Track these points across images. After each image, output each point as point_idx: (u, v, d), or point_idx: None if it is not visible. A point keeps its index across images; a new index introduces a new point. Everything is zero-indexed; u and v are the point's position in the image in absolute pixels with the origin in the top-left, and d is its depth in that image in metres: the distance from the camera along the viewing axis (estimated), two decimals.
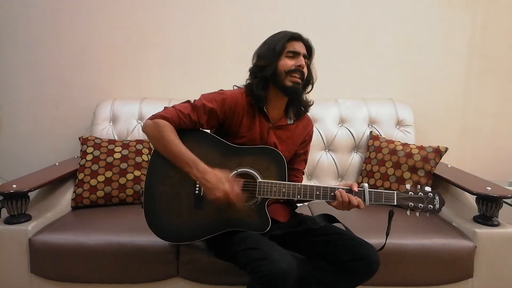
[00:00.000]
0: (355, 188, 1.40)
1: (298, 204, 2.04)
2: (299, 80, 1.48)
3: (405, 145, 2.11)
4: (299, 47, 1.49)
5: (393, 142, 2.14)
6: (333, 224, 1.53)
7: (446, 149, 2.03)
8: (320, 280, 1.43)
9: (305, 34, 1.52)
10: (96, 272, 1.61)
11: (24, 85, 2.45)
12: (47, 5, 2.39)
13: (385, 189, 2.01)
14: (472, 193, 1.70)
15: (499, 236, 1.65)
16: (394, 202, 1.41)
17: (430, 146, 2.05)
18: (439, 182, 1.99)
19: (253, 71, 1.52)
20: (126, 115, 2.27)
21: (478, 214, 1.71)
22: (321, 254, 1.46)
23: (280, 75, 1.46)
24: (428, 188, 1.43)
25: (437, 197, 1.42)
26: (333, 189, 1.41)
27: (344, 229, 1.50)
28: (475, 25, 2.42)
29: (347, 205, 1.38)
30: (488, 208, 1.66)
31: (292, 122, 1.59)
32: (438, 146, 2.04)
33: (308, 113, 1.65)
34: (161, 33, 2.43)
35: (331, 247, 1.42)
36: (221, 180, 1.36)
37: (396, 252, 1.58)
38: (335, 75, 2.45)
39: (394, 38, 2.43)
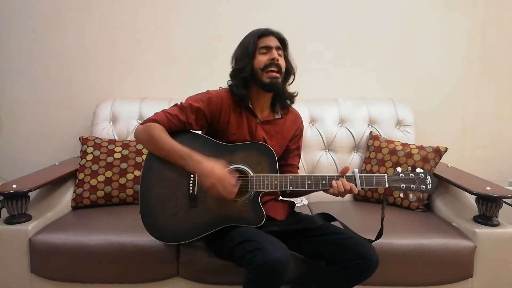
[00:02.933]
0: (345, 171, 1.44)
1: (298, 204, 2.04)
2: (277, 74, 1.50)
3: (405, 145, 2.11)
4: (270, 41, 1.51)
5: (393, 142, 2.14)
6: (332, 223, 1.54)
7: (446, 149, 2.03)
8: (319, 279, 1.43)
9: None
10: (96, 272, 1.61)
11: (24, 85, 2.45)
12: (47, 5, 2.39)
13: (385, 189, 2.01)
14: (472, 193, 1.69)
15: (499, 236, 1.65)
16: (385, 185, 1.43)
17: (430, 146, 2.05)
18: (439, 182, 1.99)
19: (233, 74, 1.56)
20: (126, 115, 2.27)
21: (478, 214, 1.71)
22: (320, 254, 1.47)
23: (257, 73, 1.50)
24: (419, 169, 1.45)
25: (428, 177, 1.43)
26: (324, 178, 1.43)
27: (343, 227, 1.51)
28: (475, 25, 2.42)
29: (342, 192, 1.41)
30: (488, 208, 1.66)
31: (279, 116, 1.61)
32: (438, 146, 2.04)
33: (296, 108, 1.69)
34: (161, 33, 2.43)
35: (329, 246, 1.43)
36: (217, 167, 1.39)
37: (396, 252, 1.58)
38: (335, 75, 2.45)
39: (394, 38, 2.43)
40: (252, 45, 1.50)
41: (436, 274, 1.61)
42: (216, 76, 2.48)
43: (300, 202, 2.10)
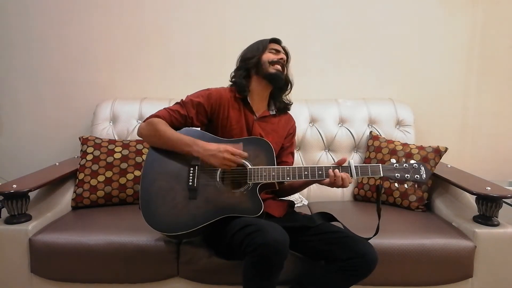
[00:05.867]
0: (341, 162, 1.47)
1: (298, 204, 2.04)
2: (282, 70, 1.64)
3: (405, 145, 2.11)
4: (279, 49, 1.69)
5: (393, 142, 2.15)
6: (331, 222, 1.54)
7: (446, 149, 2.03)
8: (319, 279, 1.43)
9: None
10: (96, 272, 1.61)
11: (24, 85, 2.46)
12: (47, 5, 2.39)
13: (385, 189, 2.02)
14: (472, 193, 1.69)
15: (499, 236, 1.64)
16: (380, 173, 1.45)
17: (430, 146, 2.05)
18: (439, 182, 1.99)
19: (239, 66, 1.68)
20: (126, 115, 2.28)
21: (478, 214, 1.71)
22: (319, 253, 1.47)
23: (264, 65, 1.62)
24: (413, 161, 1.49)
25: (422, 168, 1.46)
26: (320, 168, 1.47)
27: (342, 227, 1.51)
28: (475, 25, 2.42)
29: (339, 182, 1.43)
30: (488, 208, 1.66)
31: (274, 113, 1.69)
32: (438, 146, 2.04)
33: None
34: (162, 33, 2.43)
35: (329, 245, 1.43)
36: (220, 145, 1.48)
37: (396, 252, 1.58)
38: (335, 75, 2.45)
39: (394, 38, 2.43)
40: (264, 44, 1.66)
41: (436, 274, 1.61)
42: (216, 77, 2.48)
43: (300, 202, 2.10)
